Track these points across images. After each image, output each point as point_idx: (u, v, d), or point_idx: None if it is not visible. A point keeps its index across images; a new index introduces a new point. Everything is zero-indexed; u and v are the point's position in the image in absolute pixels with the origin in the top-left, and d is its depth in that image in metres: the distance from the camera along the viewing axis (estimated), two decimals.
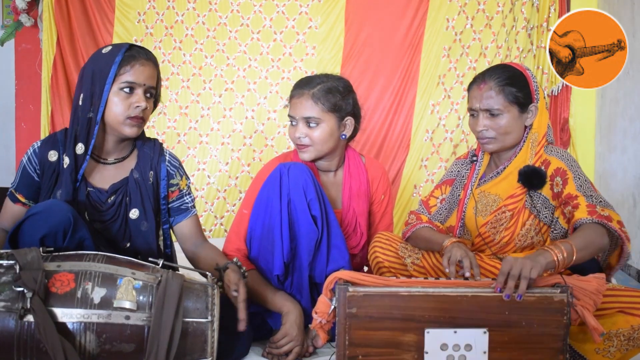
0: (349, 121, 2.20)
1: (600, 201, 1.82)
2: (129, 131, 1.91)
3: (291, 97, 2.20)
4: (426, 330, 1.60)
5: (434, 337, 1.60)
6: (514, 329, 1.61)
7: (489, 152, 2.04)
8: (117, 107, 1.88)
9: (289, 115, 2.19)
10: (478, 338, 1.60)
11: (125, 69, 1.88)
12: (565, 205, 1.86)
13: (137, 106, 1.89)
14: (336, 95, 2.15)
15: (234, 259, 1.90)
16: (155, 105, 2.01)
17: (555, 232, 1.95)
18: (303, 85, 2.18)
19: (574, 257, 1.67)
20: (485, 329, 1.60)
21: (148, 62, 1.93)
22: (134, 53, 1.91)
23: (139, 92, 1.90)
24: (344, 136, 2.20)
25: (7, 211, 1.95)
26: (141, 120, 1.92)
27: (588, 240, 1.72)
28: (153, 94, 1.95)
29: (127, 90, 1.88)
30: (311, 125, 2.14)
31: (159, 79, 1.99)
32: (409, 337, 1.60)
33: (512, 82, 1.95)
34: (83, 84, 1.91)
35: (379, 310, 1.60)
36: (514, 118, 1.95)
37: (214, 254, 2.02)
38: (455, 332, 1.60)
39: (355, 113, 2.23)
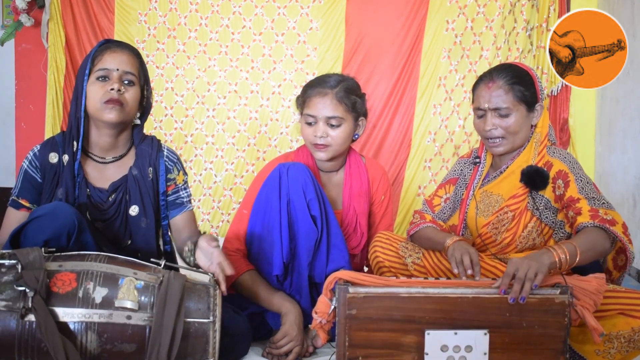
0: (362, 121, 2.19)
1: (603, 203, 1.82)
2: (108, 116, 1.89)
3: (309, 96, 2.14)
4: (426, 332, 1.60)
5: (434, 339, 1.60)
6: (515, 330, 1.61)
7: (498, 154, 2.01)
8: (94, 95, 1.90)
9: (309, 115, 2.13)
10: (478, 339, 1.60)
11: (98, 59, 1.93)
12: (567, 209, 1.85)
13: (112, 89, 1.89)
14: (355, 95, 2.14)
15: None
16: (143, 95, 2.00)
17: (558, 235, 1.95)
18: (323, 84, 2.13)
19: (577, 259, 1.67)
20: (485, 330, 1.60)
21: (121, 49, 1.96)
22: (107, 45, 1.96)
23: (114, 76, 1.91)
24: (356, 136, 2.19)
25: (10, 221, 1.91)
26: (118, 103, 1.90)
27: (591, 243, 1.72)
28: (133, 81, 1.94)
29: (101, 78, 1.91)
30: (333, 125, 2.11)
31: (142, 70, 2.00)
32: (409, 338, 1.60)
33: (519, 80, 1.94)
34: (74, 88, 1.97)
35: (379, 312, 1.60)
36: (522, 117, 1.94)
37: None
38: (455, 333, 1.60)
39: (367, 113, 2.22)
